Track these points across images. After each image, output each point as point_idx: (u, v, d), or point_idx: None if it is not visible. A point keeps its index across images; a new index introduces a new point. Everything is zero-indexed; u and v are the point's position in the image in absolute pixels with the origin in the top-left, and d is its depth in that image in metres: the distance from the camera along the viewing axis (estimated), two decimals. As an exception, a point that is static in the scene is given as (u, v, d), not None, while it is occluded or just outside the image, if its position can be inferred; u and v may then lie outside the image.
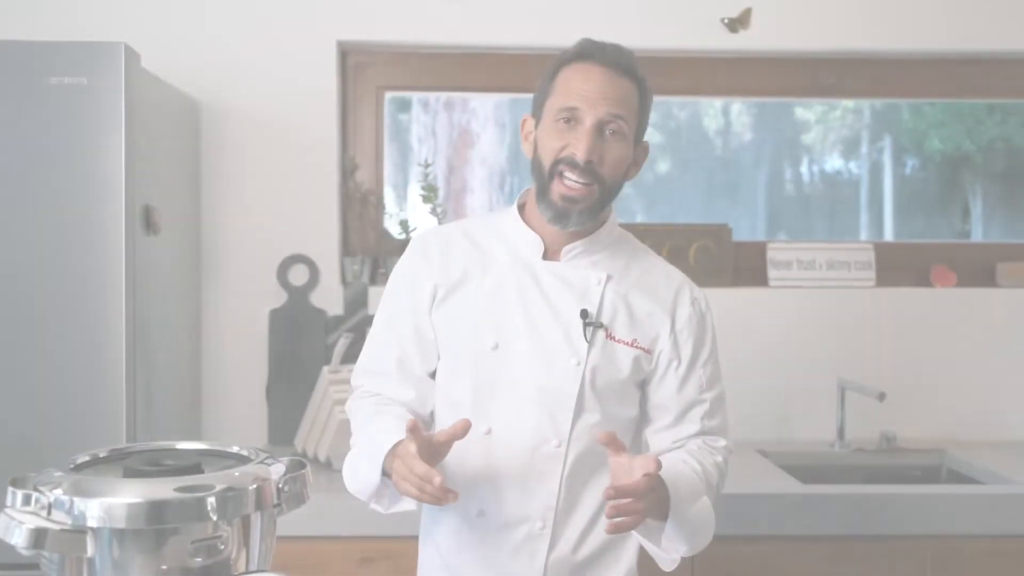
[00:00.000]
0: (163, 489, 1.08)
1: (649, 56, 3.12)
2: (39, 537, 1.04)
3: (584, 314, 1.67)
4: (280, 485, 1.14)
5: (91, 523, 1.05)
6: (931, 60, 3.19)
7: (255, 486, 1.12)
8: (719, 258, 3.14)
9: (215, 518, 1.08)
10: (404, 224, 3.07)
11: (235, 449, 1.23)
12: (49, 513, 1.07)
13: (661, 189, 3.71)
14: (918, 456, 2.97)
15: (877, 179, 3.67)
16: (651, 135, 3.83)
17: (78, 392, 2.29)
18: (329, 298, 3.01)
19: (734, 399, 3.01)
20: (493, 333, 1.68)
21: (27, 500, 1.08)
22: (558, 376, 1.66)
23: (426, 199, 3.03)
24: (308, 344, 2.97)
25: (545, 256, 1.73)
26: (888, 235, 3.59)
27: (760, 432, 3.08)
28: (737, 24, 3.04)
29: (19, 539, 1.03)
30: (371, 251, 3.09)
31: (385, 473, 1.60)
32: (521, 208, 1.77)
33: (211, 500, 1.08)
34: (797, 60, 3.17)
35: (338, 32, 3.00)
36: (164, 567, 1.08)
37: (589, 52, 1.66)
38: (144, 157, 2.40)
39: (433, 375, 1.78)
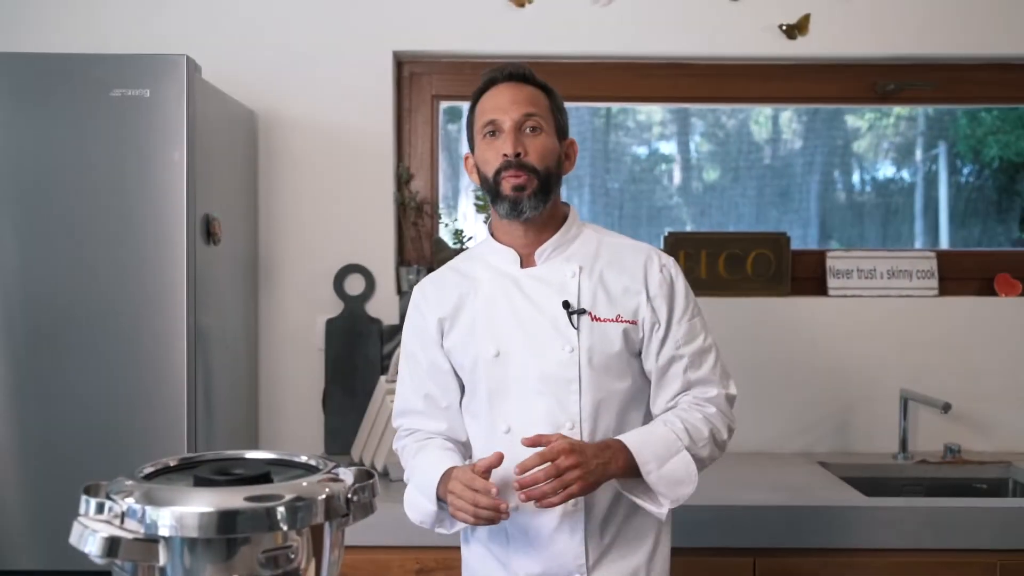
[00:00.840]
0: (234, 498, 1.07)
1: (706, 63, 3.12)
2: (112, 546, 1.04)
3: (566, 304, 1.83)
4: (349, 495, 1.14)
5: (163, 532, 1.05)
6: (994, 65, 3.13)
7: (325, 496, 1.11)
8: (777, 267, 3.10)
9: (285, 528, 1.07)
10: (459, 234, 3.07)
11: (303, 458, 1.23)
12: (122, 522, 1.07)
13: (711, 198, 3.68)
14: (983, 469, 2.90)
15: (932, 186, 3.61)
16: (699, 144, 3.83)
17: (140, 400, 2.31)
18: (385, 308, 3.02)
19: (793, 409, 3.01)
20: (492, 343, 1.85)
21: (100, 508, 1.08)
22: (556, 365, 1.82)
23: (480, 208, 3.03)
24: (364, 353, 2.98)
25: (522, 265, 1.90)
26: (944, 243, 3.52)
27: (821, 444, 3.04)
28: (795, 31, 3.01)
29: (93, 547, 1.04)
30: (426, 261, 3.10)
31: (440, 499, 1.80)
32: (492, 233, 1.96)
33: (281, 510, 1.07)
34: (856, 66, 3.12)
35: (394, 42, 3.02)
36: (235, 576, 1.07)
37: (492, 78, 1.89)
38: (205, 168, 2.42)
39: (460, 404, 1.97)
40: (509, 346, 1.84)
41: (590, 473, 1.69)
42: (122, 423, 2.31)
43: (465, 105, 3.45)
